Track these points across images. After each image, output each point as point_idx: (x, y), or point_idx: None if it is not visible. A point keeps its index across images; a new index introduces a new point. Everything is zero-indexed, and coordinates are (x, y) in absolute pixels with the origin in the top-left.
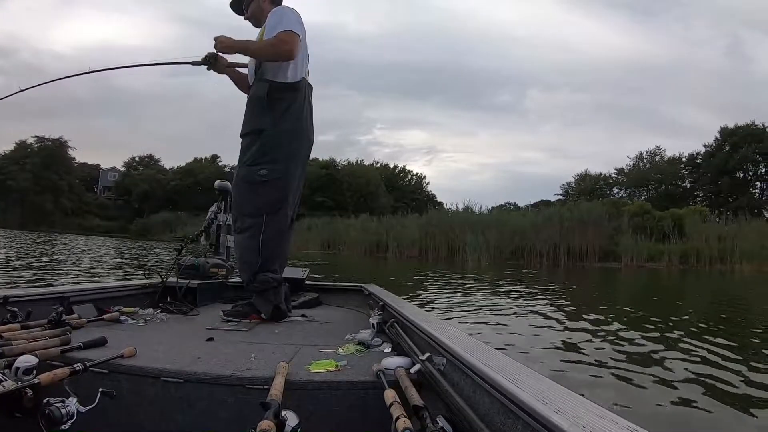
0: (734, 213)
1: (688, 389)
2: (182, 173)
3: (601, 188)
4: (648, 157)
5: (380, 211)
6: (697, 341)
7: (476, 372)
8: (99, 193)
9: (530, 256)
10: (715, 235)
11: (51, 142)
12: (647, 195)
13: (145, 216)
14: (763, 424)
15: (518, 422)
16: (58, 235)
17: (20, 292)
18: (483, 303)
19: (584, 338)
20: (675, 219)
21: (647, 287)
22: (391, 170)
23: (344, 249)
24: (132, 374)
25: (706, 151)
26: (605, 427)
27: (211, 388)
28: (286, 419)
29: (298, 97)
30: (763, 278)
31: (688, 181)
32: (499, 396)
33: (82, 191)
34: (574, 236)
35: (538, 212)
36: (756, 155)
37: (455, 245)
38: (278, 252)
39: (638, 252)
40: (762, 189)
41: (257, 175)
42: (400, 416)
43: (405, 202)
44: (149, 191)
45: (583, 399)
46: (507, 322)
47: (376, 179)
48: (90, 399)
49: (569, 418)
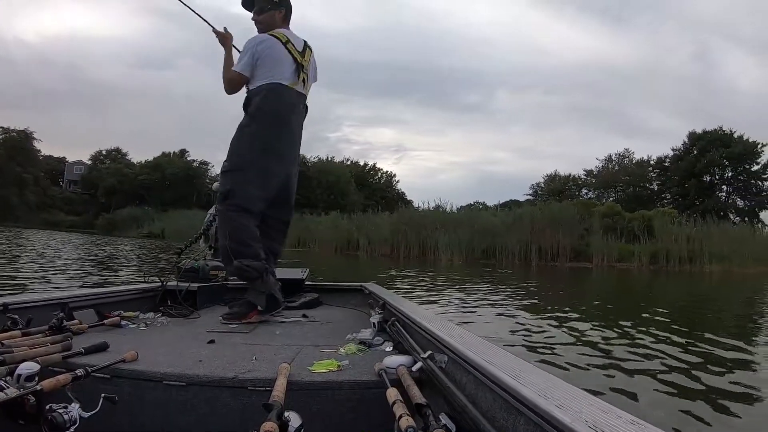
0: (701, 215)
1: (647, 383)
2: (150, 168)
3: (570, 189)
4: (617, 159)
5: (351, 208)
6: (659, 337)
7: (478, 369)
8: (65, 186)
9: (502, 255)
10: (684, 237)
11: (16, 134)
12: (615, 196)
13: (111, 211)
14: (703, 412)
15: (521, 418)
16: (23, 230)
17: (20, 299)
18: (459, 300)
19: (554, 335)
20: (644, 220)
21: (617, 286)
22: (361, 168)
23: (315, 246)
24: (134, 378)
25: (674, 155)
26: (608, 421)
27: (214, 391)
28: (289, 420)
29: (272, 98)
30: (732, 280)
31: (655, 184)
32: (502, 392)
33: (48, 185)
34: (546, 236)
35: (509, 212)
36: (723, 159)
37: (427, 243)
38: (246, 241)
39: (609, 252)
40: (728, 192)
41: (223, 165)
42: (402, 415)
43: (375, 200)
44: (116, 186)
45: (586, 394)
46: (481, 319)
47: (346, 176)
48: (92, 404)
49: (572, 413)
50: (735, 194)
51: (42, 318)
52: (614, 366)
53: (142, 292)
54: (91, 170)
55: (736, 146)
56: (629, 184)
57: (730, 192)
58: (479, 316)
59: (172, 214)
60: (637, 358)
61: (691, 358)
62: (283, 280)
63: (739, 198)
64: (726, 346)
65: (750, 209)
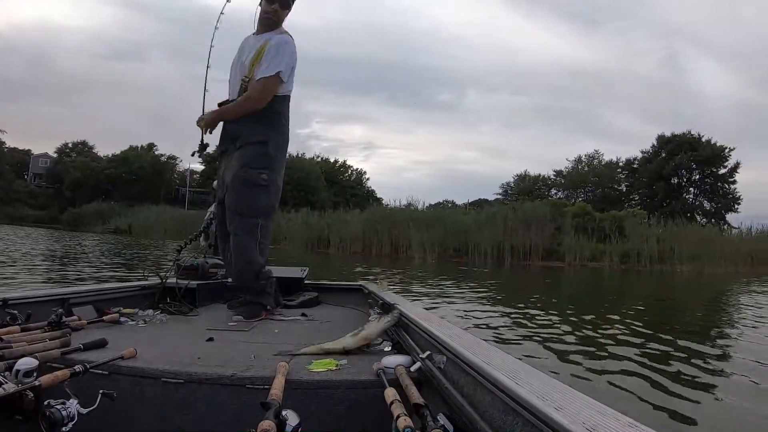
0: (671, 216)
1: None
2: (117, 161)
3: (540, 189)
4: (587, 160)
5: (321, 205)
6: (623, 331)
7: (477, 370)
8: (30, 180)
9: (475, 254)
10: (654, 237)
11: None
12: (584, 197)
13: (77, 206)
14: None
15: (519, 419)
16: None
17: (20, 294)
18: (433, 296)
19: (527, 332)
20: (615, 220)
21: (589, 285)
22: (331, 165)
23: (285, 243)
24: (132, 375)
25: (643, 157)
26: (606, 423)
27: (212, 389)
28: (287, 419)
29: (288, 108)
30: (702, 280)
31: (624, 185)
32: (500, 393)
33: (13, 178)
34: (518, 235)
35: (481, 211)
36: (691, 163)
37: (399, 241)
38: (266, 253)
39: (581, 251)
40: (695, 194)
41: (261, 179)
42: (400, 414)
43: (345, 197)
44: (82, 179)
45: (584, 396)
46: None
47: (316, 173)
48: (91, 401)
49: (570, 415)
50: (702, 196)
51: (41, 314)
52: (579, 356)
53: (141, 289)
54: (57, 163)
55: (704, 150)
56: (598, 185)
57: (697, 194)
58: (453, 311)
59: (139, 209)
60: (598, 351)
61: (648, 351)
62: (282, 279)
63: (706, 200)
64: (683, 341)
65: (716, 211)
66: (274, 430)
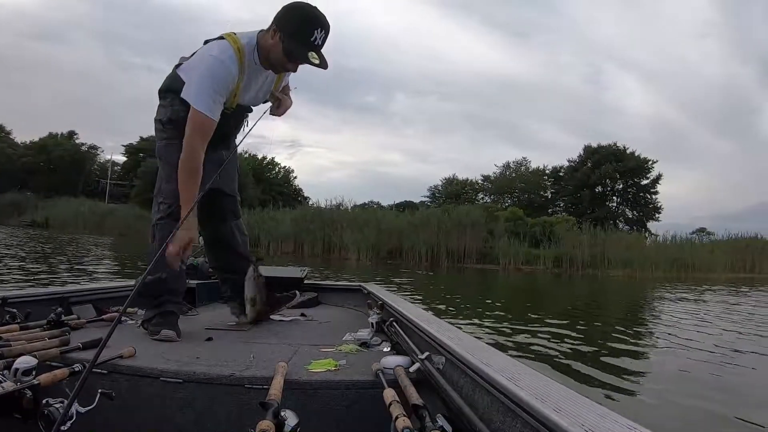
0: (600, 223)
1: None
2: (35, 149)
3: (468, 193)
4: (514, 166)
5: (248, 203)
6: (551, 326)
7: (475, 371)
8: None
9: (409, 256)
10: (585, 243)
11: None
12: (510, 202)
13: None
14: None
15: (517, 421)
16: None
17: (19, 293)
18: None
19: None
20: (546, 226)
21: (521, 288)
22: (258, 161)
23: None
24: (131, 374)
25: (570, 166)
26: (605, 425)
27: (211, 388)
28: (286, 419)
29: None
30: (632, 283)
31: (549, 192)
32: (499, 395)
33: None
34: (453, 238)
35: (417, 213)
36: (615, 173)
37: (332, 242)
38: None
39: (515, 255)
40: (618, 203)
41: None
42: (399, 415)
43: (272, 195)
44: None
45: (583, 398)
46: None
47: (244, 169)
48: (89, 400)
49: (569, 417)
50: (624, 205)
51: (40, 312)
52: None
53: None
54: None
55: (629, 161)
56: (524, 191)
57: (620, 203)
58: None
59: (57, 201)
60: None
61: (571, 346)
62: (282, 279)
63: (628, 209)
64: (602, 337)
65: (638, 219)
66: (272, 430)
